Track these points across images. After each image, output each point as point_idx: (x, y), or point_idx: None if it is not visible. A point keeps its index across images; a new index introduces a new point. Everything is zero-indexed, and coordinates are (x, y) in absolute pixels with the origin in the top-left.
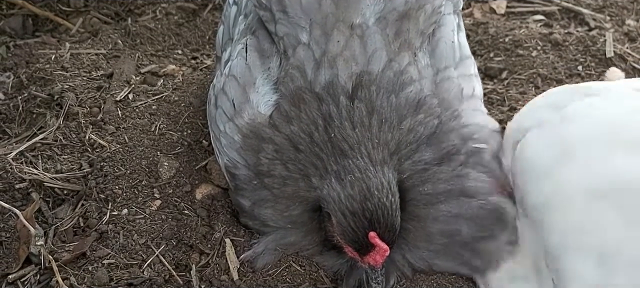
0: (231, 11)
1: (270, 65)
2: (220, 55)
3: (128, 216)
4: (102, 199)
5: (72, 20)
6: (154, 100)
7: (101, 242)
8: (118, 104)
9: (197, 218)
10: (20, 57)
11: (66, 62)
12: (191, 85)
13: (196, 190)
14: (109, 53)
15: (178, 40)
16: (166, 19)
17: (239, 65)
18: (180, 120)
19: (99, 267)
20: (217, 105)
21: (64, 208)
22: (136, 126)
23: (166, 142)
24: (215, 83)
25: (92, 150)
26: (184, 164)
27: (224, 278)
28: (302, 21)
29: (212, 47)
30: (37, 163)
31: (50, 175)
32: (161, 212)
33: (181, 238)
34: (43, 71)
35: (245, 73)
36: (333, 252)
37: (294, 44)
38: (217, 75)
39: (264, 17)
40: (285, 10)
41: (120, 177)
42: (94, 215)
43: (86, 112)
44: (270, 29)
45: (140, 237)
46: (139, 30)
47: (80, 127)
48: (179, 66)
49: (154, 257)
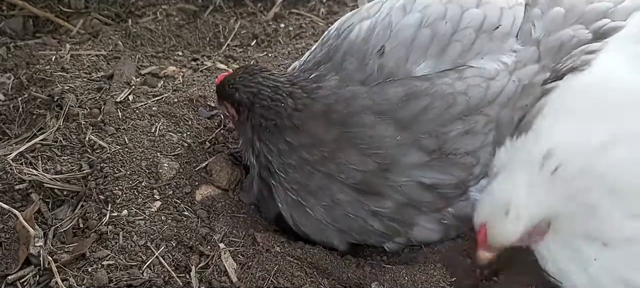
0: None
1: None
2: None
3: (128, 217)
4: (101, 200)
5: (72, 21)
6: (154, 101)
7: (101, 243)
8: (118, 105)
9: (197, 219)
10: (20, 58)
11: (66, 63)
12: (191, 86)
13: (196, 191)
14: (110, 54)
15: (178, 41)
16: (167, 21)
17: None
18: (180, 121)
19: (98, 268)
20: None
21: (64, 209)
22: (136, 127)
23: (166, 143)
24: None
25: (92, 151)
26: (184, 165)
27: (224, 280)
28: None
29: (212, 49)
30: (37, 164)
31: (50, 176)
32: (161, 213)
33: (181, 240)
34: (43, 72)
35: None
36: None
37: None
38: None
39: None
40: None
41: (120, 178)
42: (94, 216)
43: (86, 113)
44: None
45: (140, 238)
46: (139, 31)
47: (80, 128)
48: (179, 68)
49: (154, 258)
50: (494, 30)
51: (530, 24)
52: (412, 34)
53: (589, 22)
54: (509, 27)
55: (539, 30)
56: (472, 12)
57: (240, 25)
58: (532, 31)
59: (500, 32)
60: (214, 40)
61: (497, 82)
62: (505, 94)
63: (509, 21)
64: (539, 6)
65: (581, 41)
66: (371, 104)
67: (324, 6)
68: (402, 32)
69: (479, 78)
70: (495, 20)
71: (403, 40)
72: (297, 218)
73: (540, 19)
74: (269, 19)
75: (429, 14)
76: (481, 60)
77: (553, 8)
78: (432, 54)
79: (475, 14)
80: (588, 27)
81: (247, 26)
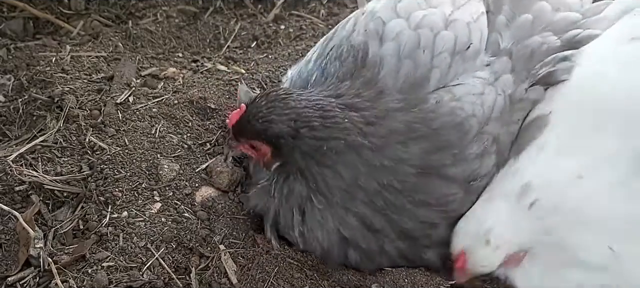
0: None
1: None
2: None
3: (128, 219)
4: (101, 202)
5: (72, 23)
6: (155, 103)
7: (101, 245)
8: (118, 106)
9: (197, 221)
10: (20, 59)
11: (67, 64)
12: (192, 88)
13: (196, 192)
14: (110, 56)
15: (179, 43)
16: (167, 22)
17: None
18: (180, 122)
19: (98, 270)
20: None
21: (64, 211)
22: (136, 129)
23: (166, 145)
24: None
25: (92, 153)
26: (184, 167)
27: (224, 282)
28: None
29: (212, 50)
30: (37, 165)
31: (50, 178)
32: (161, 214)
33: (181, 241)
34: (43, 74)
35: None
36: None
37: None
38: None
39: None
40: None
41: (120, 179)
42: (94, 218)
43: (86, 114)
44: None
45: (140, 240)
46: (139, 33)
47: (80, 130)
48: (179, 69)
49: (154, 259)
50: (466, 50)
51: (497, 33)
52: (395, 64)
53: (558, 30)
54: (479, 43)
55: (508, 40)
56: (444, 35)
57: (241, 26)
58: (500, 41)
59: (472, 51)
60: (214, 42)
61: (487, 96)
62: (497, 108)
63: (478, 36)
64: (503, 13)
65: (551, 48)
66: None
67: (324, 8)
68: (387, 63)
69: (472, 96)
70: (465, 39)
71: (389, 71)
72: (326, 245)
73: (507, 27)
74: (269, 20)
75: (403, 42)
76: (458, 80)
77: (520, 15)
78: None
79: (447, 36)
80: (557, 35)
81: (247, 28)
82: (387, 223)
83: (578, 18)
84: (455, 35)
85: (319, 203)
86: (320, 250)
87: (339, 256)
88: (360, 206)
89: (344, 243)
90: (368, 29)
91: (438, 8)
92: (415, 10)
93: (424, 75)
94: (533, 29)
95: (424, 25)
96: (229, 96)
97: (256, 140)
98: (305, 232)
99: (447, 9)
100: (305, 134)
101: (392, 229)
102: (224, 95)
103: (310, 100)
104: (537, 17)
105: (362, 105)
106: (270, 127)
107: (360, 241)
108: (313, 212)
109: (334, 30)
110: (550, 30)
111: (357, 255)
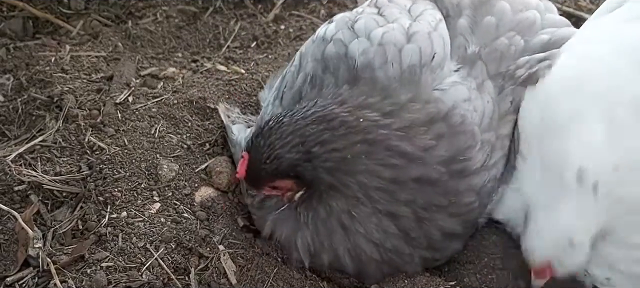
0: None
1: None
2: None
3: (127, 219)
4: (101, 202)
5: (72, 22)
6: (154, 102)
7: (100, 245)
8: (118, 106)
9: (196, 221)
10: (20, 59)
11: (66, 64)
12: (191, 88)
13: (196, 193)
14: (109, 55)
15: (178, 43)
16: (167, 22)
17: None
18: (180, 122)
19: (97, 270)
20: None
21: (63, 211)
22: (136, 129)
23: (166, 145)
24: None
25: (91, 153)
26: (183, 167)
27: (223, 282)
28: None
29: (212, 50)
30: (36, 165)
31: (49, 178)
32: (160, 214)
33: (180, 242)
34: (43, 73)
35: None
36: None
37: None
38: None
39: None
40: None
41: (119, 179)
42: (93, 218)
43: (86, 114)
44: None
45: (139, 240)
46: (139, 33)
47: (79, 130)
48: (179, 69)
49: (153, 260)
50: (431, 62)
51: (461, 38)
52: (371, 76)
53: (522, 31)
54: (442, 51)
55: (475, 44)
56: (408, 48)
57: (240, 26)
58: (466, 46)
59: (437, 61)
60: (214, 42)
61: (475, 101)
62: (487, 114)
63: (440, 44)
64: (464, 17)
65: (518, 50)
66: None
67: (324, 8)
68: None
69: (464, 102)
70: (429, 50)
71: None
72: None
73: (472, 32)
74: (269, 20)
75: (371, 58)
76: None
77: (483, 18)
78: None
79: (411, 49)
80: (522, 35)
81: (247, 28)
82: (420, 230)
83: (539, 18)
84: (419, 47)
85: (361, 212)
86: (357, 267)
87: (376, 271)
88: (403, 208)
89: (383, 254)
90: (326, 54)
91: (396, 22)
92: (374, 27)
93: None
94: (498, 31)
95: (386, 42)
96: (228, 96)
97: (275, 181)
98: (350, 249)
99: (405, 21)
100: (320, 151)
101: (424, 237)
102: (224, 95)
103: (307, 117)
104: (500, 19)
105: (373, 101)
106: (281, 162)
107: (398, 249)
108: (354, 226)
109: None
110: (514, 31)
111: (388, 268)
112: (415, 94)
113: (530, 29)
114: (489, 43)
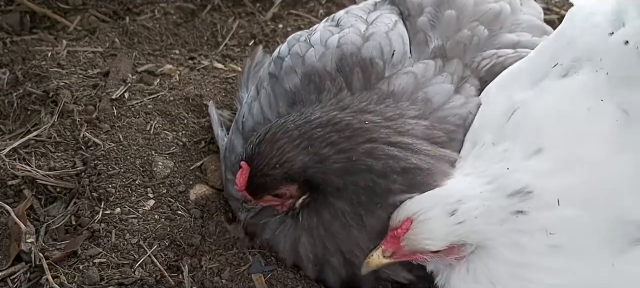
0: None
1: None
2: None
3: (121, 215)
4: (94, 198)
5: (69, 18)
6: (150, 99)
7: (93, 241)
8: (113, 102)
9: (190, 218)
10: (16, 53)
11: (62, 59)
12: (188, 85)
13: (190, 190)
14: (106, 51)
15: (176, 40)
16: (164, 19)
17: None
18: (175, 119)
19: (89, 266)
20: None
21: (56, 206)
22: (131, 125)
23: (161, 142)
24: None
25: (86, 148)
26: (178, 164)
27: (216, 280)
28: None
29: (209, 48)
30: (30, 160)
31: (43, 173)
32: (154, 211)
33: (174, 239)
34: (39, 68)
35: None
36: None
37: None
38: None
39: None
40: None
41: (113, 175)
42: (86, 214)
43: (81, 109)
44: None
45: (132, 237)
46: (136, 29)
47: (74, 125)
48: (176, 66)
49: (146, 257)
50: (392, 58)
51: (422, 34)
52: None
53: (485, 21)
54: (402, 47)
55: (437, 39)
56: (368, 46)
57: (239, 24)
58: (428, 41)
59: (397, 56)
60: (212, 39)
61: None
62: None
63: (399, 42)
64: (425, 15)
65: (482, 40)
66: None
67: (322, 7)
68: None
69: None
70: (388, 48)
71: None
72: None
73: (433, 27)
74: (268, 19)
75: (334, 58)
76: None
77: (444, 12)
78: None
79: (372, 46)
80: (486, 25)
81: (245, 26)
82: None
83: (499, 9)
84: (379, 43)
85: (367, 212)
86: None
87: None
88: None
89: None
90: (283, 69)
91: (352, 27)
92: (330, 36)
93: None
94: (459, 23)
95: (344, 44)
96: (225, 94)
97: (281, 187)
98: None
99: (361, 27)
100: (330, 153)
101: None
102: (221, 93)
103: (311, 120)
104: (461, 12)
105: (373, 108)
106: (292, 166)
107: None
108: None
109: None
110: (477, 21)
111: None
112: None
113: (495, 20)
114: (451, 36)
